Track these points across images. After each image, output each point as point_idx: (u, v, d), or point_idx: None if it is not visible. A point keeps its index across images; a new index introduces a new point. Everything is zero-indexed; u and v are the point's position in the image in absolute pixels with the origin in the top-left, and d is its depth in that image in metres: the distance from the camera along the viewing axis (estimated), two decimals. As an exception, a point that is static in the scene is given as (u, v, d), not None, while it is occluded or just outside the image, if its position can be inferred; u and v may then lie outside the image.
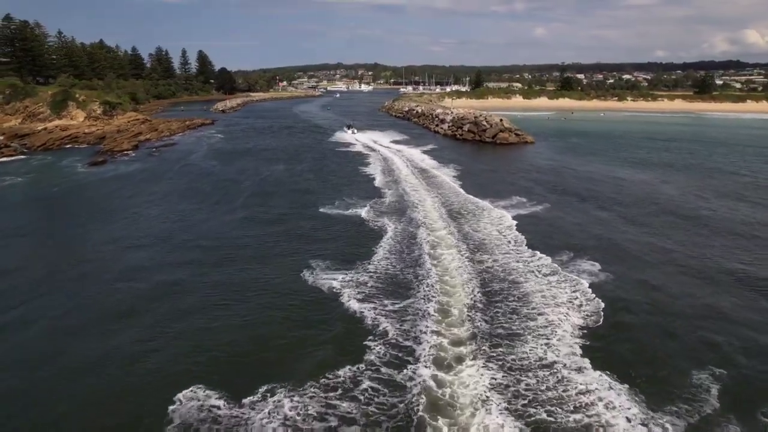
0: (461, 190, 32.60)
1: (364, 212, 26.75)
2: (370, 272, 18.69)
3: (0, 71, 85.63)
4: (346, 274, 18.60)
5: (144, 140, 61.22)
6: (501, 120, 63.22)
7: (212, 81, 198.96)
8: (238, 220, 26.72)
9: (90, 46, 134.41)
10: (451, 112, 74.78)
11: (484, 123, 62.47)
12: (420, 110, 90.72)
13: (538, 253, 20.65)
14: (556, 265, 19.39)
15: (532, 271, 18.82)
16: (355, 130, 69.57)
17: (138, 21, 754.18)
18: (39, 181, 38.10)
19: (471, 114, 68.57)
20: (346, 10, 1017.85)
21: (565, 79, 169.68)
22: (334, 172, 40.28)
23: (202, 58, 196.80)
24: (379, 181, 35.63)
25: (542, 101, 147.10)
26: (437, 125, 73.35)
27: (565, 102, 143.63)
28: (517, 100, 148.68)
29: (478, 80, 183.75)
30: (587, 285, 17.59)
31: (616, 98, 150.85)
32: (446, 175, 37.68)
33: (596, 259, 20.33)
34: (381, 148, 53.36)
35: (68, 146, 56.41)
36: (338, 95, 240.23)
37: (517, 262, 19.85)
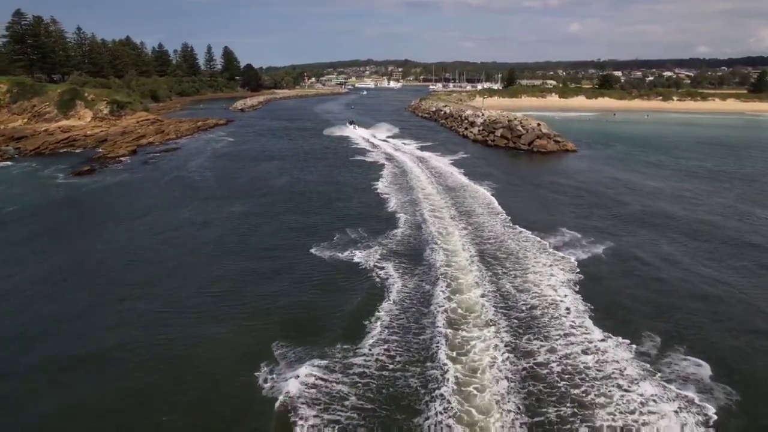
0: (498, 219, 26.00)
1: (366, 255, 20.41)
2: (354, 373, 12.45)
3: (11, 69, 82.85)
4: (320, 371, 12.45)
5: (146, 144, 56.51)
6: (538, 124, 55.97)
7: (238, 78, 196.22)
8: (207, 263, 20.81)
9: (112, 43, 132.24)
10: (482, 114, 67.77)
11: (519, 128, 55.32)
12: (448, 111, 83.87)
13: (611, 336, 14.05)
14: (645, 364, 12.78)
15: (610, 378, 12.24)
16: (356, 126, 73.47)
17: (169, 18, 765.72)
18: (3, 196, 33.22)
19: (504, 117, 61.46)
20: (381, 6, 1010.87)
21: (604, 77, 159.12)
22: (341, 189, 34.22)
23: (228, 55, 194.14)
24: (393, 203, 29.34)
25: (580, 101, 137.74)
26: (466, 129, 66.49)
27: (604, 102, 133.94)
28: (553, 100, 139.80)
29: (511, 78, 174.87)
30: (709, 414, 10.95)
31: (661, 98, 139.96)
32: (479, 196, 31.11)
33: (699, 349, 13.63)
34: (402, 157, 46.93)
35: (63, 150, 52.01)
36: (365, 92, 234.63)
37: (585, 354, 13.28)
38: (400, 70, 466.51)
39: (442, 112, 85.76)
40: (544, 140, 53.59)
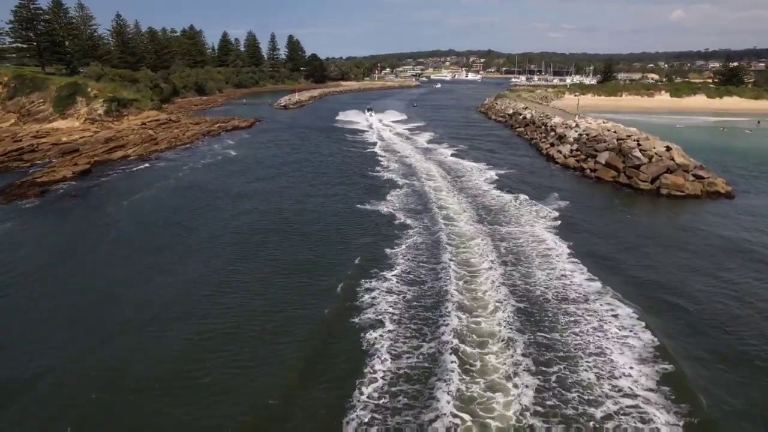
0: None
1: None
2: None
3: (20, 59, 74.36)
4: None
5: (118, 159, 43.41)
6: (667, 148, 36.21)
7: (302, 69, 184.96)
8: None
9: (161, 32, 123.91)
10: (576, 125, 48.50)
11: (637, 154, 35.86)
12: (528, 116, 64.55)
13: None
14: None
15: None
16: (372, 113, 75.49)
17: (258, 9, 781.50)
18: None
19: (610, 131, 42.06)
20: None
21: (731, 71, 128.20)
22: (304, 286, 17.96)
23: (293, 44, 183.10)
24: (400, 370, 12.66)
25: (699, 101, 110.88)
26: (552, 145, 47.48)
27: (734, 102, 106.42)
28: (663, 99, 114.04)
29: (608, 71, 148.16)
30: None
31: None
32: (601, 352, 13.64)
33: None
34: (451, 202, 29.85)
35: (2, 167, 39.81)
36: (439, 85, 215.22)
37: None
38: (482, 61, 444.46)
39: (521, 117, 66.51)
40: (678, 176, 33.98)
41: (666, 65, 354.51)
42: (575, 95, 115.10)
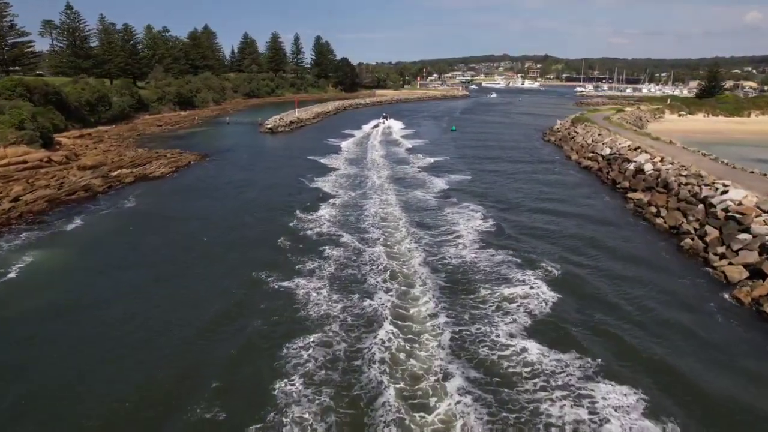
0: None
1: None
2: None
3: None
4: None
5: None
6: None
7: (331, 75, 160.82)
8: None
9: (145, 30, 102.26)
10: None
11: None
12: (649, 169, 35.73)
13: None
14: None
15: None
16: (385, 120, 71.76)
17: (311, 15, 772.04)
18: None
19: None
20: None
21: None
22: None
23: (320, 47, 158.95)
24: None
25: None
26: (757, 274, 19.12)
27: None
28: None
29: (714, 78, 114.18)
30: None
31: None
32: None
33: None
34: None
35: None
36: (494, 95, 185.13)
37: None
38: (538, 66, 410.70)
39: (632, 169, 37.51)
40: None
41: (753, 70, 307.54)
42: (680, 115, 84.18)
